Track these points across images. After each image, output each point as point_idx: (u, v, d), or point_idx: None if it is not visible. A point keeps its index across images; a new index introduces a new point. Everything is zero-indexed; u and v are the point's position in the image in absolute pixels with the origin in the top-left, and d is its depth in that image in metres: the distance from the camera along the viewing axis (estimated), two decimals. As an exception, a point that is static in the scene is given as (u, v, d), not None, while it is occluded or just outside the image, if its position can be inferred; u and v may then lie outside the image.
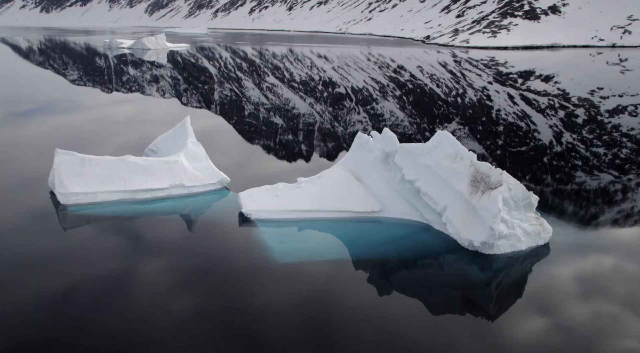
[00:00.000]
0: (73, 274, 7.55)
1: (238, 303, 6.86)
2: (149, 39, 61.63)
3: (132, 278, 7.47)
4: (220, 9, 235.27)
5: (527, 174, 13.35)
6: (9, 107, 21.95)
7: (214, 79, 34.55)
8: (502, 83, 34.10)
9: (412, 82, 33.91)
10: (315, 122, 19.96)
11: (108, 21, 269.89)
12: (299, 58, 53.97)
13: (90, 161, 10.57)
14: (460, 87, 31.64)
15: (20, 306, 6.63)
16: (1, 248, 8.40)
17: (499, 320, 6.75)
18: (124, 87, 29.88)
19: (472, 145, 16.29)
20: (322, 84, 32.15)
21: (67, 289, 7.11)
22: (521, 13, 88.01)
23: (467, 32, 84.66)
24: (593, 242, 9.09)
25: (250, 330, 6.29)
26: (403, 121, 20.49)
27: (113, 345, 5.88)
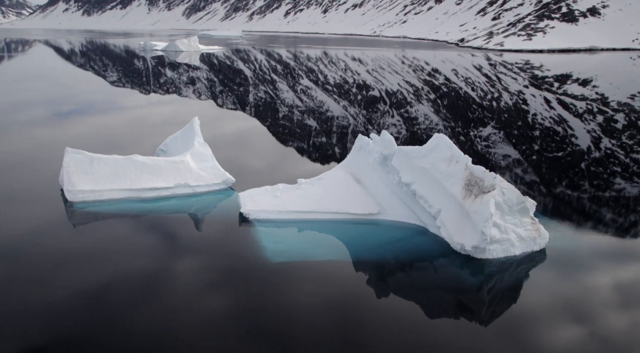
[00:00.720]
0: (69, 270, 7.75)
1: (220, 301, 6.93)
2: (182, 41, 62.63)
3: (126, 275, 7.61)
4: (256, 11, 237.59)
5: (563, 180, 13.11)
6: (52, 108, 22.62)
7: (247, 81, 34.90)
8: (538, 87, 33.49)
9: (447, 85, 33.60)
10: (348, 125, 19.94)
11: (146, 24, 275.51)
12: (333, 61, 54.12)
13: (99, 160, 10.82)
14: (496, 90, 31.21)
15: (25, 302, 6.84)
16: (5, 243, 8.67)
17: (490, 325, 6.65)
18: (161, 89, 30.44)
19: (508, 150, 16.04)
20: (356, 87, 32.14)
21: (68, 285, 7.30)
22: (558, 15, 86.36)
23: (502, 35, 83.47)
24: (592, 249, 8.84)
25: (230, 327, 6.35)
26: (437, 124, 20.24)
27: (113, 339, 6.03)
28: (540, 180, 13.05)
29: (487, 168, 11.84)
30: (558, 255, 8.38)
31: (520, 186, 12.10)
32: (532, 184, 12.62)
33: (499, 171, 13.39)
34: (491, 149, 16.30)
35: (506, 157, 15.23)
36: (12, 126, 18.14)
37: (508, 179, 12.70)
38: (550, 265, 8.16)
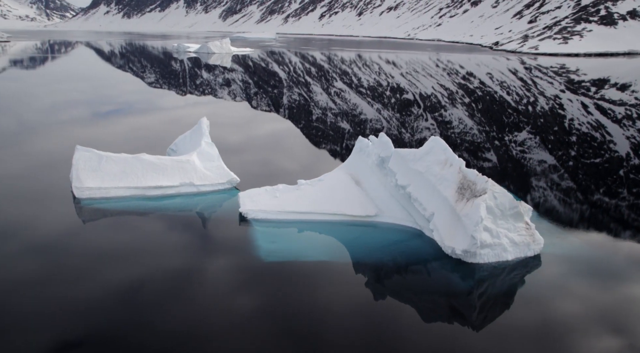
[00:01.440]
0: (65, 266, 7.99)
1: (208, 299, 7.03)
2: (214, 43, 63.46)
3: (118, 272, 7.80)
4: (291, 14, 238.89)
5: (600, 187, 12.85)
6: (92, 108, 23.25)
7: (275, 83, 35.17)
8: (574, 91, 32.80)
9: (481, 89, 33.23)
10: (382, 128, 19.90)
11: (184, 26, 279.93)
12: (367, 63, 54.05)
13: (107, 158, 11.10)
14: (531, 95, 30.67)
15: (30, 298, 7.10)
16: (9, 237, 8.98)
17: (480, 330, 6.59)
18: (197, 90, 30.95)
19: (544, 155, 15.77)
20: (389, 90, 32.05)
21: (69, 280, 7.53)
22: (596, 18, 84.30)
23: (537, 38, 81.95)
24: (588, 257, 8.63)
25: (207, 324, 6.44)
26: (472, 129, 20.04)
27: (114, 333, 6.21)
28: (576, 187, 12.71)
29: (520, 174, 11.79)
30: (553, 262, 8.24)
31: (552, 193, 11.95)
32: (567, 191, 12.34)
33: (533, 178, 13.25)
34: (526, 154, 16.04)
35: (542, 163, 14.94)
36: (52, 125, 18.75)
37: (541, 186, 12.62)
38: (544, 272, 8.03)
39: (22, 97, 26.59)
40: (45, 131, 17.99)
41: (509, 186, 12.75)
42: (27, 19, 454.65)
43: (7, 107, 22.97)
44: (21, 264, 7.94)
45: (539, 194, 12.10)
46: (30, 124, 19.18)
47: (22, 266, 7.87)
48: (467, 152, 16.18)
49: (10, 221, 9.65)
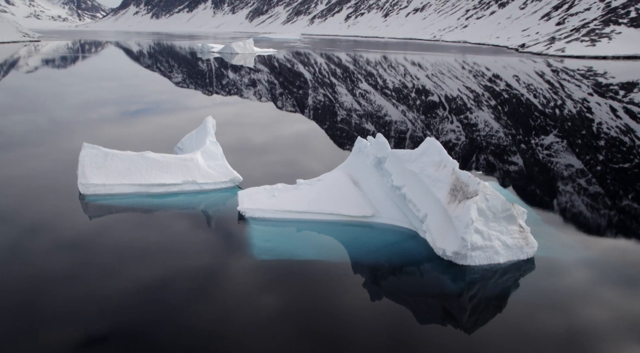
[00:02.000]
0: (61, 261, 8.18)
1: (196, 296, 7.13)
2: (238, 43, 63.98)
3: (109, 267, 7.95)
4: (317, 15, 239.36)
5: (625, 193, 12.62)
6: (121, 107, 23.68)
7: (296, 83, 35.34)
8: (602, 95, 32.26)
9: (507, 91, 32.90)
10: (406, 130, 19.89)
11: (211, 26, 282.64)
12: (393, 65, 53.93)
13: (112, 155, 11.30)
14: (559, 98, 30.26)
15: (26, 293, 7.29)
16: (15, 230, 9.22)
17: (471, 333, 6.53)
18: (223, 90, 31.31)
19: (570, 159, 15.56)
20: (415, 92, 31.95)
21: (66, 277, 7.72)
22: (626, 20, 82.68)
23: (564, 40, 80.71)
24: (584, 262, 8.48)
25: (194, 320, 6.53)
26: (498, 131, 19.84)
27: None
28: (601, 192, 12.47)
29: (547, 179, 11.64)
30: (546, 265, 8.14)
31: (579, 198, 11.84)
32: (595, 196, 12.16)
33: (559, 182, 13.11)
34: (553, 158, 15.84)
35: (569, 167, 14.73)
36: (80, 124, 19.15)
37: (568, 190, 12.47)
38: (536, 275, 7.94)
39: (53, 95, 27.28)
40: (72, 128, 18.34)
41: (534, 190, 12.64)
42: (59, 19, 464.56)
43: (38, 106, 23.54)
44: (21, 259, 8.15)
45: (562, 199, 11.95)
46: (59, 121, 19.61)
47: (24, 260, 8.09)
48: (493, 155, 16.08)
49: (14, 214, 9.89)
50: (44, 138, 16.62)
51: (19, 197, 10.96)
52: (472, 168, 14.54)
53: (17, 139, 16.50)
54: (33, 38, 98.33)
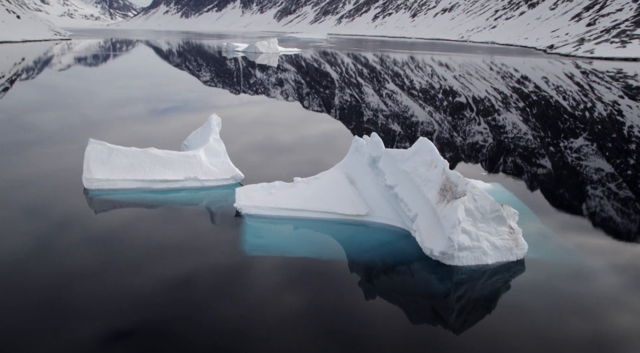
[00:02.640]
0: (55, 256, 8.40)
1: (179, 290, 7.25)
2: (262, 43, 64.36)
3: (101, 262, 8.13)
4: (345, 15, 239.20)
5: None
6: (150, 105, 24.10)
7: (329, 83, 35.47)
8: (633, 97, 31.64)
9: (535, 93, 32.48)
10: (433, 131, 19.84)
11: (239, 26, 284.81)
12: (420, 66, 53.65)
13: (117, 151, 11.52)
14: (588, 100, 29.80)
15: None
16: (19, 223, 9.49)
17: (461, 333, 6.50)
18: (250, 89, 31.62)
19: (600, 163, 15.35)
20: (442, 93, 31.78)
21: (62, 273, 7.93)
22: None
23: (593, 41, 79.20)
24: (576, 265, 8.35)
25: (182, 315, 6.65)
26: (526, 134, 19.65)
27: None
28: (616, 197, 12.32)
29: (558, 182, 11.50)
30: (536, 268, 8.05)
31: (586, 203, 11.72)
32: (603, 201, 11.96)
33: (589, 186, 12.98)
34: (582, 161, 15.64)
35: (598, 171, 14.54)
36: (110, 122, 19.54)
37: (577, 195, 12.36)
38: (526, 277, 7.85)
39: (83, 93, 27.91)
40: (101, 126, 18.68)
41: (540, 193, 12.49)
42: (91, 18, 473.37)
43: (69, 103, 24.12)
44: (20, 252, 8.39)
45: (567, 203, 11.83)
46: (89, 119, 20.02)
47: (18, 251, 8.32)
48: (520, 157, 15.93)
49: (21, 209, 10.18)
50: (73, 135, 16.96)
51: (34, 193, 11.26)
52: (491, 168, 14.43)
53: (48, 135, 16.99)
54: (64, 36, 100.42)
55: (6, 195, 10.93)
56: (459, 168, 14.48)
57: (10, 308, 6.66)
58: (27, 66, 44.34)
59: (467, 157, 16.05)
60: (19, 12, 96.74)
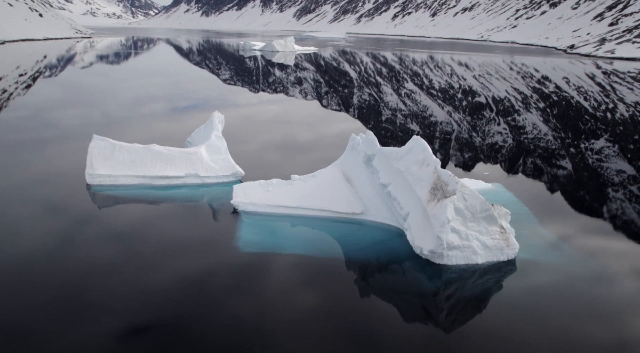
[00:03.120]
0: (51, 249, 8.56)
1: (169, 284, 7.35)
2: (279, 41, 64.53)
3: (89, 256, 8.27)
4: (364, 14, 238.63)
5: None
6: (171, 103, 24.43)
7: (348, 82, 35.52)
8: None
9: (556, 93, 32.21)
10: (452, 132, 19.79)
11: (259, 24, 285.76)
12: (439, 65, 53.38)
13: (120, 148, 11.68)
14: (610, 101, 29.42)
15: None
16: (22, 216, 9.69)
17: (451, 332, 6.52)
18: (269, 88, 31.85)
19: (622, 165, 15.24)
20: (461, 93, 31.64)
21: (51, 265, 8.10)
22: (683, 21, 79.23)
23: (615, 41, 78.00)
24: (567, 266, 8.27)
25: (174, 309, 6.74)
26: (546, 135, 19.53)
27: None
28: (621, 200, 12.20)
29: (581, 185, 11.36)
30: (527, 267, 8.00)
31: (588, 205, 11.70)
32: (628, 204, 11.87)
33: (610, 189, 12.86)
34: (603, 163, 15.50)
35: (620, 173, 14.41)
36: (130, 119, 19.83)
37: (599, 198, 12.23)
38: (517, 277, 7.80)
39: (105, 90, 28.28)
40: (122, 123, 19.00)
41: (565, 196, 12.36)
42: (114, 16, 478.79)
43: (90, 101, 24.52)
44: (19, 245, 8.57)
45: (570, 204, 11.76)
46: (111, 116, 20.33)
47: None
48: (540, 158, 15.83)
49: (29, 204, 10.39)
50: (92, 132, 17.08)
51: (41, 188, 11.48)
52: (507, 168, 14.35)
53: (68, 132, 17.31)
54: (85, 35, 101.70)
55: (16, 190, 11.15)
56: (463, 167, 14.43)
57: (24, 302, 6.82)
58: (49, 64, 45.07)
59: (473, 156, 15.97)
60: (42, 11, 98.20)
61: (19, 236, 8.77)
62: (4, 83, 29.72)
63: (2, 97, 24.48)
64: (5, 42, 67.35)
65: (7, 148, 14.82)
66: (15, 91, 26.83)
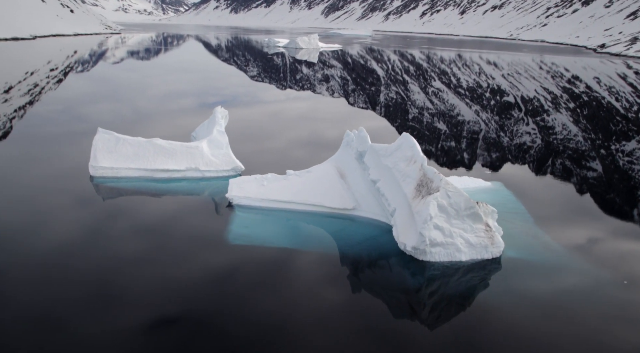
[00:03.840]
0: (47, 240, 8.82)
1: (154, 278, 7.51)
2: (302, 38, 64.69)
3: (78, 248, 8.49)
4: (392, 11, 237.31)
5: None
6: (200, 99, 24.78)
7: (375, 79, 35.53)
8: None
9: (587, 94, 31.76)
10: (480, 131, 19.71)
11: (287, 21, 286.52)
12: (468, 64, 52.91)
13: (123, 141, 11.92)
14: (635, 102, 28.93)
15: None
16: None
17: (434, 329, 6.53)
18: (296, 85, 32.07)
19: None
20: (490, 92, 31.41)
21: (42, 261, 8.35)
22: None
23: (647, 40, 76.15)
24: (554, 266, 8.17)
25: (158, 302, 6.90)
26: (576, 135, 19.32)
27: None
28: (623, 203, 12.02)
29: (627, 187, 11.21)
30: (512, 266, 7.94)
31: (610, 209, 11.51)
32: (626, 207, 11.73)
33: (615, 193, 12.76)
34: (634, 165, 15.30)
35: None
36: (160, 114, 20.15)
37: (622, 201, 12.12)
38: (500, 275, 7.75)
39: (136, 86, 28.82)
40: (151, 118, 19.31)
41: (567, 197, 12.22)
42: (144, 12, 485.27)
43: (121, 96, 25.01)
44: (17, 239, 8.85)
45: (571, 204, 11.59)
46: (140, 111, 20.69)
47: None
48: (570, 159, 15.67)
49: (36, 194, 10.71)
50: (122, 126, 17.38)
51: (45, 181, 11.81)
52: (525, 167, 14.23)
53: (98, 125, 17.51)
54: (114, 31, 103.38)
55: (32, 182, 11.51)
56: (468, 166, 14.35)
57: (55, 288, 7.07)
58: (80, 59, 45.94)
59: (487, 154, 15.84)
60: (73, 7, 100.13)
61: (46, 226, 9.06)
62: (36, 77, 30.46)
63: (33, 90, 25.09)
64: (36, 37, 68.86)
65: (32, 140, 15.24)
66: (47, 85, 27.44)
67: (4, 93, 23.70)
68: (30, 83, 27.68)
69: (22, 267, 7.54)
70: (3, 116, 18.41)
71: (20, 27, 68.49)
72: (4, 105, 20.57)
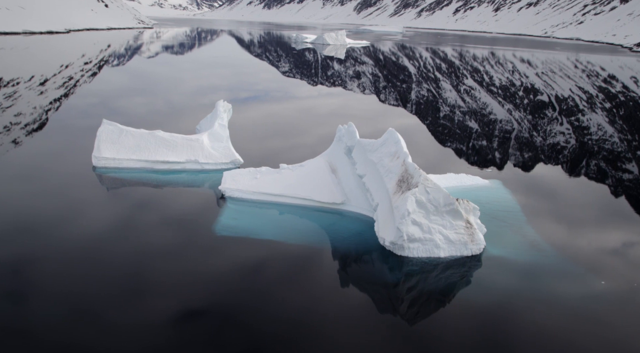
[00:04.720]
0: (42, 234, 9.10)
1: (149, 268, 7.70)
2: (330, 34, 64.67)
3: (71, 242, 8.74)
4: (425, 8, 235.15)
5: None
6: (233, 94, 25.13)
7: (407, 77, 35.47)
8: None
9: (623, 93, 31.17)
10: (512, 130, 19.61)
11: (319, 17, 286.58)
12: (500, 61, 52.26)
13: (126, 132, 12.18)
14: None
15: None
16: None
17: (414, 324, 6.60)
18: (328, 81, 32.20)
19: (621, 172, 14.86)
20: (523, 90, 31.07)
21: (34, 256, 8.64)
22: None
23: (685, 39, 73.77)
24: (536, 265, 8.07)
25: (142, 291, 7.09)
26: (612, 136, 19.09)
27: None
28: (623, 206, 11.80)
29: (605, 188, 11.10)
30: (492, 264, 7.88)
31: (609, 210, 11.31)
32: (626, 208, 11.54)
33: (597, 192, 12.62)
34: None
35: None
36: (192, 109, 20.39)
37: (622, 201, 11.99)
38: (480, 273, 7.71)
39: (170, 80, 29.28)
40: (183, 112, 19.57)
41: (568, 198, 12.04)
42: (179, 8, 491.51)
43: (156, 90, 25.52)
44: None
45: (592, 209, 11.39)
46: (174, 105, 21.05)
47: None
48: (604, 161, 15.48)
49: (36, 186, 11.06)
50: (153, 120, 17.82)
51: (49, 174, 12.17)
52: (538, 167, 14.09)
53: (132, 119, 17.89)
54: (147, 25, 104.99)
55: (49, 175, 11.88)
56: (473, 164, 14.22)
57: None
58: (114, 53, 46.81)
59: (489, 154, 15.69)
60: (107, 1, 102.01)
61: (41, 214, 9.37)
62: (70, 70, 31.21)
63: (68, 83, 25.74)
64: (70, 31, 70.44)
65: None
66: (82, 78, 28.08)
67: (40, 85, 24.36)
68: (65, 76, 28.36)
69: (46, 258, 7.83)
70: (39, 108, 18.98)
71: (56, 22, 70.16)
72: (39, 97, 21.17)
